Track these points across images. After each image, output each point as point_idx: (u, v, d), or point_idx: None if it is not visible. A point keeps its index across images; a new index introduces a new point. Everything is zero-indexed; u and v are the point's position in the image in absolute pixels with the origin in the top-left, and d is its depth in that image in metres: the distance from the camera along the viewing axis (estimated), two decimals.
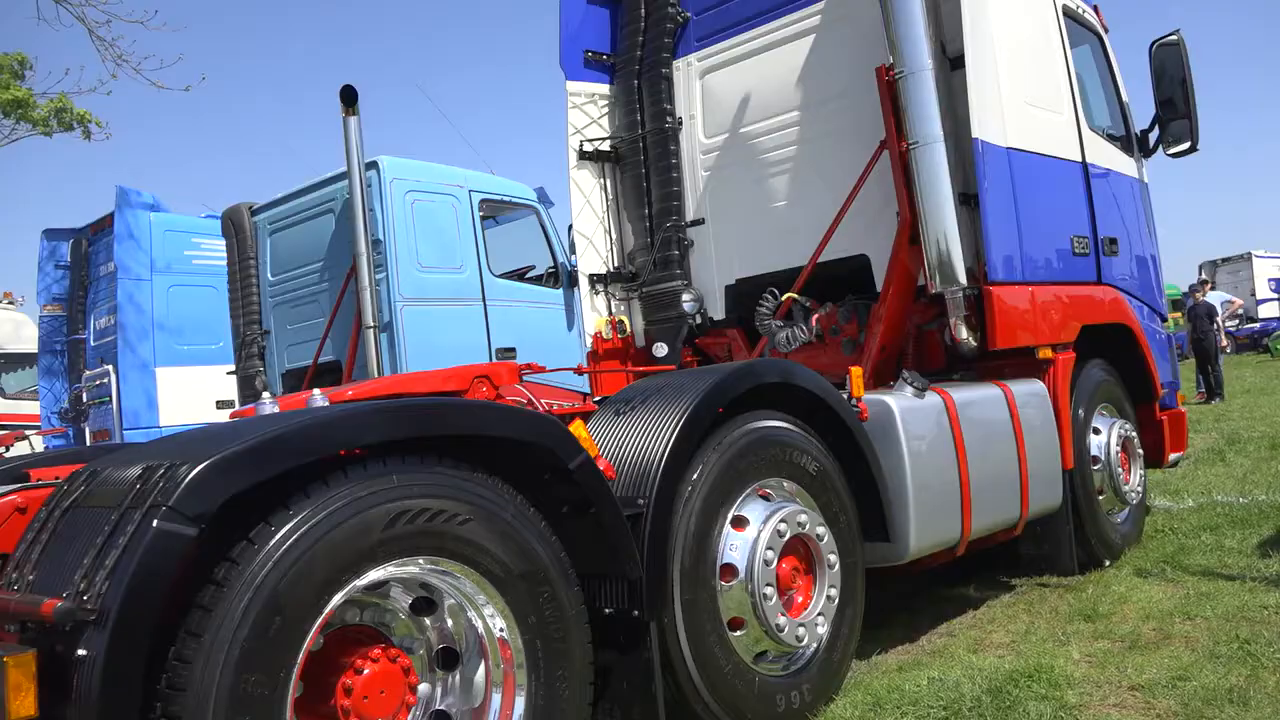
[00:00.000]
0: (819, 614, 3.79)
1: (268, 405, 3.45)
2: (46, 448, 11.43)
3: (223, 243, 9.96)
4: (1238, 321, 29.60)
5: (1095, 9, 6.52)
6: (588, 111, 6.49)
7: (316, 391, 3.54)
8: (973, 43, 4.98)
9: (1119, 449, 5.86)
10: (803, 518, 3.73)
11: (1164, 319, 7.07)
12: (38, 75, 13.20)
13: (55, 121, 12.88)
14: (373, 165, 8.13)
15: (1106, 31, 6.63)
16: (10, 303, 15.90)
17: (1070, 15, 6.05)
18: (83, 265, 12.13)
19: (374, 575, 2.55)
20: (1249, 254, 33.04)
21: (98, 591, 2.12)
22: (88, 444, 11.07)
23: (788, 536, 3.66)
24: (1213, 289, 21.82)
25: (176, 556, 2.18)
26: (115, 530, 2.22)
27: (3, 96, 12.51)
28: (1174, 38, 6.44)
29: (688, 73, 6.27)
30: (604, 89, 6.55)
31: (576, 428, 3.21)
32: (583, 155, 6.45)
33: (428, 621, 2.80)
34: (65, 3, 10.96)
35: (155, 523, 2.16)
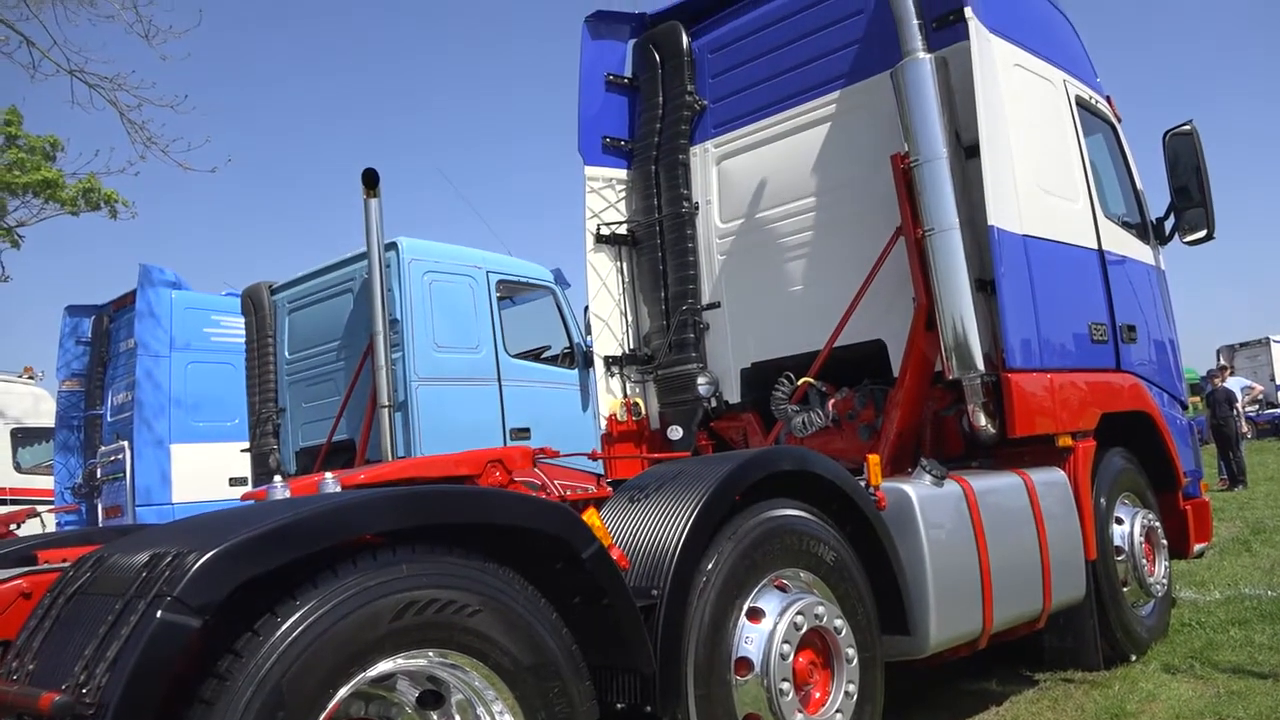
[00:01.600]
0: (837, 710, 3.67)
1: (279, 489, 3.42)
2: (58, 524, 11.41)
3: (242, 320, 10.06)
4: (1258, 407, 29.32)
5: (1108, 99, 6.59)
6: (605, 196, 6.57)
7: (328, 475, 3.52)
8: (987, 132, 5.02)
9: (1143, 539, 5.74)
10: (820, 609, 3.65)
11: (1185, 406, 7.00)
12: (68, 156, 13.53)
13: (83, 201, 13.15)
14: (392, 246, 8.23)
15: (1119, 121, 6.70)
16: (31, 378, 16.03)
17: (1083, 105, 6.12)
18: (103, 341, 12.27)
19: (381, 667, 2.49)
20: (1267, 339, 32.90)
21: (97, 684, 2.07)
22: (100, 520, 11.05)
23: (805, 629, 3.57)
24: (1232, 374, 21.65)
25: (179, 648, 2.13)
26: (119, 620, 2.17)
27: (33, 177, 12.81)
28: (1187, 127, 6.50)
29: (704, 158, 6.36)
30: (621, 174, 6.64)
31: (589, 516, 3.16)
32: (600, 238, 6.51)
33: (435, 716, 2.72)
34: (99, 87, 11.26)
35: (159, 613, 2.11)
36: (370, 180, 7.73)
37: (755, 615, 3.52)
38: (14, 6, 10.82)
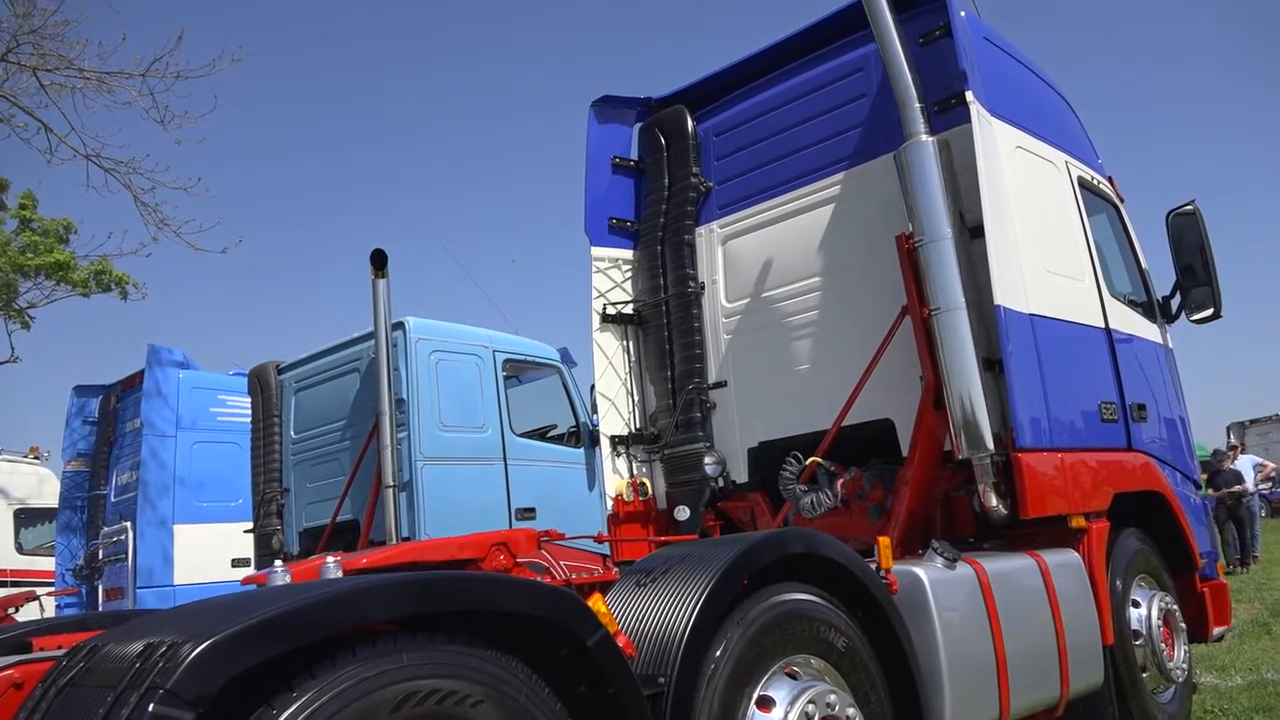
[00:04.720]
0: None
1: (279, 574, 3.36)
2: (58, 608, 11.28)
3: (248, 400, 10.06)
4: (1270, 484, 28.96)
5: (1110, 180, 6.65)
6: (611, 276, 6.60)
7: (330, 559, 3.46)
8: (991, 213, 5.04)
9: (1161, 623, 5.61)
10: (832, 698, 3.54)
11: (1198, 486, 6.91)
12: (81, 237, 13.73)
13: (94, 283, 13.28)
14: (399, 325, 8.27)
15: (1122, 202, 6.75)
16: (37, 457, 16.01)
17: (1085, 186, 6.17)
18: (110, 421, 12.28)
19: None
20: (1278, 415, 32.68)
21: None
22: (100, 603, 10.92)
23: (816, 719, 3.46)
24: (1243, 452, 21.38)
25: None
26: (110, 713, 2.10)
27: (46, 259, 12.96)
28: (1190, 207, 6.54)
29: (710, 239, 6.40)
30: (627, 254, 6.68)
31: (595, 602, 3.09)
32: (606, 318, 6.52)
33: None
34: (114, 171, 11.46)
35: (151, 707, 2.05)
36: (379, 261, 7.81)
37: (765, 704, 3.42)
38: (34, 94, 11.09)
